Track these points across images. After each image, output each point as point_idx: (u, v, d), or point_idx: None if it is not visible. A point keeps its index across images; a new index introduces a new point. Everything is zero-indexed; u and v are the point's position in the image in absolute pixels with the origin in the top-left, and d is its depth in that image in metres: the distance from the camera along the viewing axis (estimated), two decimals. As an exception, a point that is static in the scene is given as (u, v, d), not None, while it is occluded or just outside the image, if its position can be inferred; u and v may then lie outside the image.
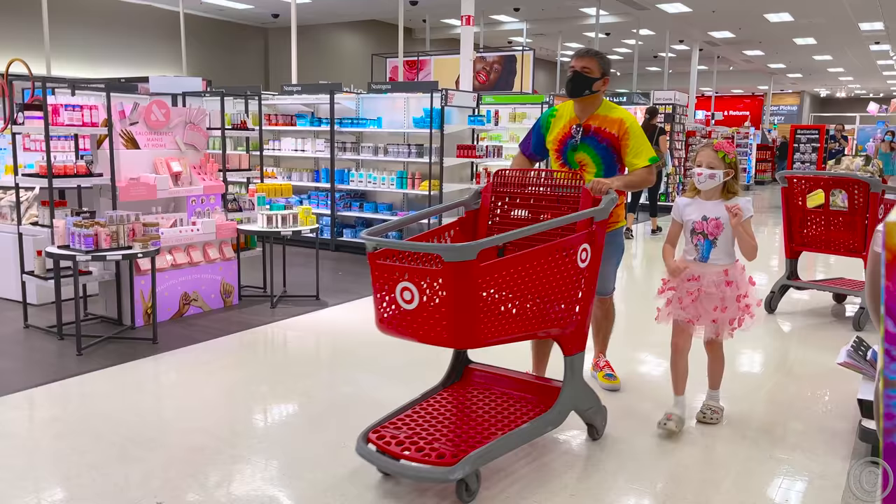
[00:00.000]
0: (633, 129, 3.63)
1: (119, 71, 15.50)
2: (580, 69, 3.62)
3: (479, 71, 15.00)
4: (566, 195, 3.22)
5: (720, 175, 3.29)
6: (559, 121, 3.76)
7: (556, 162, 3.78)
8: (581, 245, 2.90)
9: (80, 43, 15.72)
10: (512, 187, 3.36)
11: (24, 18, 14.44)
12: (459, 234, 3.30)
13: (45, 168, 4.82)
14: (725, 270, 3.34)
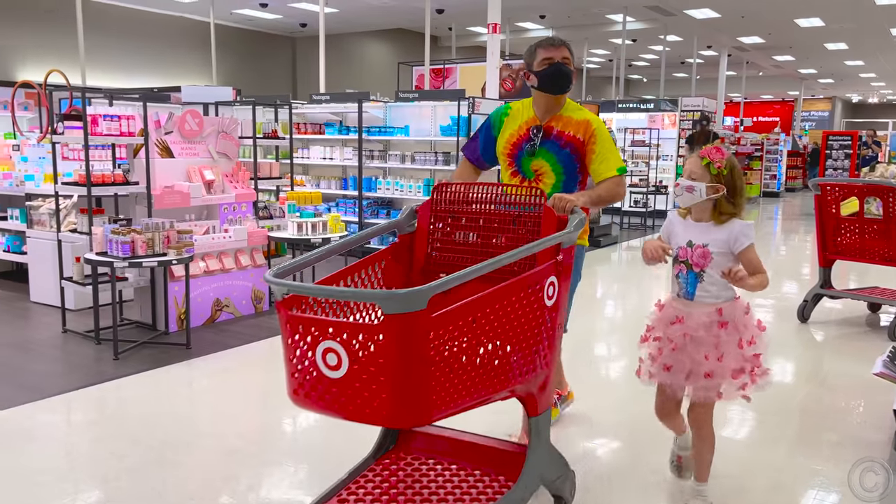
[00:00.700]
0: (601, 133, 3.05)
1: (151, 81, 15.79)
2: (562, 60, 3.02)
3: (506, 78, 15.02)
4: (524, 214, 2.58)
5: (702, 190, 2.54)
6: (513, 121, 3.15)
7: (507, 170, 3.18)
8: (548, 278, 2.30)
9: (114, 53, 16.05)
10: (456, 205, 2.70)
11: (60, 29, 14.79)
12: (392, 266, 2.65)
13: (84, 177, 4.94)
14: (719, 309, 2.55)
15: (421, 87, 16.16)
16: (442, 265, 2.68)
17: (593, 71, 27.66)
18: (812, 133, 26.17)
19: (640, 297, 7.06)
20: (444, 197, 2.73)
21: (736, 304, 2.61)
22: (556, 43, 3.07)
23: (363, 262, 2.53)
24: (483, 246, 2.65)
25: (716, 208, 2.58)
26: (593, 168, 3.04)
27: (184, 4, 16.55)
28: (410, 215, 2.75)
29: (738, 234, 2.55)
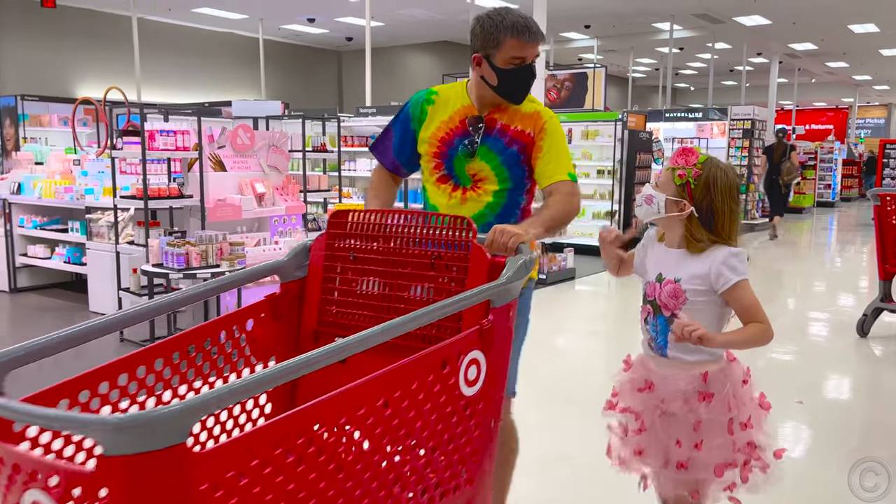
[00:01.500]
0: (553, 128, 2.33)
1: (202, 96, 16.22)
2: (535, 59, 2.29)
3: (550, 89, 14.99)
4: (446, 254, 1.85)
5: (661, 203, 1.91)
6: (441, 110, 2.37)
7: (432, 175, 2.38)
8: (467, 355, 1.59)
9: (167, 70, 16.54)
10: (358, 240, 1.98)
11: (117, 47, 15.33)
12: (271, 327, 1.94)
13: (141, 190, 5.10)
14: (703, 374, 1.88)
15: (465, 99, 16.21)
16: (342, 326, 1.95)
17: (639, 80, 27.40)
18: (868, 141, 25.40)
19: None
20: (343, 229, 2.01)
21: (729, 368, 1.91)
22: (534, 36, 2.23)
23: (221, 322, 1.83)
24: (392, 300, 1.91)
25: (687, 232, 1.92)
26: (540, 170, 2.28)
27: (234, 21, 16.97)
28: (300, 255, 2.04)
29: (721, 267, 1.84)
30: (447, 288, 1.84)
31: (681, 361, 1.91)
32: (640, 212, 2.01)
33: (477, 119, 2.32)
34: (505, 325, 1.70)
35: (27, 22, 14.61)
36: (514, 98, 2.29)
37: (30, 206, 6.90)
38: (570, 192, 2.24)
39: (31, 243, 6.93)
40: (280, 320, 1.99)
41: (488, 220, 2.21)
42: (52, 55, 15.03)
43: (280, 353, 1.94)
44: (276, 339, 1.96)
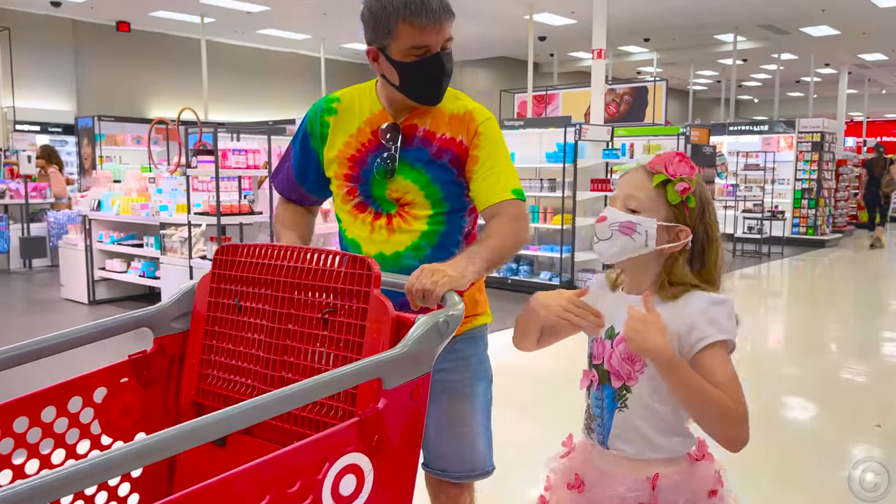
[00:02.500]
0: (490, 131, 1.84)
1: (266, 114, 16.69)
2: (446, 42, 1.74)
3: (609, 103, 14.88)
4: (345, 308, 1.41)
5: (649, 231, 1.33)
6: (346, 120, 1.87)
7: (346, 202, 1.88)
8: (338, 460, 1.15)
9: (233, 89, 17.10)
10: (245, 284, 1.55)
11: (186, 68, 15.94)
12: (137, 396, 1.53)
13: (214, 207, 5.28)
14: (653, 478, 1.31)
15: (523, 114, 16.27)
16: (223, 398, 1.52)
17: (700, 93, 26.92)
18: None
19: (755, 334, 6.76)
20: (231, 269, 1.57)
21: (690, 471, 1.34)
22: (434, 16, 1.67)
23: (64, 387, 1.41)
24: (278, 366, 1.47)
25: (667, 271, 1.35)
26: (476, 187, 1.80)
27: (297, 41, 17.44)
28: (182, 301, 1.62)
29: (699, 318, 1.30)
30: (342, 353, 1.39)
31: (623, 457, 1.35)
32: (609, 248, 1.36)
33: (391, 127, 1.81)
34: (407, 412, 1.24)
35: (104, 46, 15.34)
36: (423, 99, 1.80)
37: (108, 223, 7.22)
38: (517, 216, 1.77)
39: (109, 257, 7.23)
40: (150, 387, 1.54)
41: (426, 254, 1.79)
42: (126, 77, 15.72)
43: (152, 432, 1.27)
44: (145, 412, 1.51)
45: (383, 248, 1.81)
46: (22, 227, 9.45)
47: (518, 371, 4.67)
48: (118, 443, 1.46)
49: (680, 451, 1.35)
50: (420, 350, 1.25)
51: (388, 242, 1.81)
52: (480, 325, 1.93)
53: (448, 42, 1.74)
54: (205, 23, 14.93)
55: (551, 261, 8.28)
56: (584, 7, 12.14)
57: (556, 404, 4.31)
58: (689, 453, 1.37)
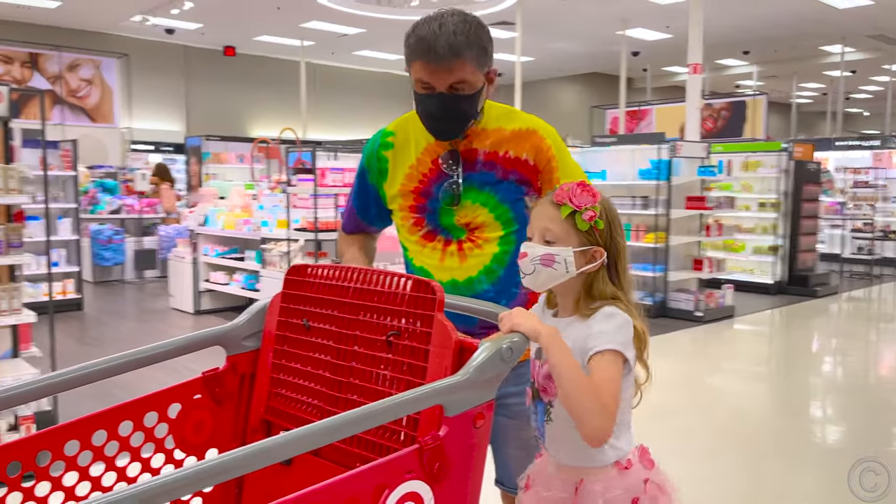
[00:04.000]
0: (560, 146, 1.86)
1: (360, 132, 17.19)
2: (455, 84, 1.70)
3: (706, 118, 14.48)
4: (409, 331, 1.40)
5: (567, 260, 1.41)
6: (404, 153, 1.87)
7: (413, 234, 1.87)
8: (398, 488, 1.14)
9: (329, 108, 17.70)
10: (316, 304, 1.55)
11: (286, 89, 16.65)
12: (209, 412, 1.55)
13: (312, 223, 5.50)
14: (577, 483, 1.43)
15: (615, 130, 16.05)
16: (290, 417, 1.54)
17: (803, 106, 25.72)
18: None
19: (865, 356, 6.38)
20: (300, 289, 1.57)
21: (611, 478, 1.42)
22: (438, 60, 1.67)
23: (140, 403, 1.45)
24: (343, 388, 1.46)
25: (586, 290, 1.44)
26: None
27: (389, 62, 17.90)
28: (254, 320, 1.62)
29: (591, 329, 1.38)
30: (405, 377, 1.37)
31: (557, 462, 1.47)
32: (536, 280, 1.45)
33: (451, 154, 1.80)
34: (469, 440, 1.21)
35: (212, 70, 16.25)
36: (431, 131, 1.79)
37: (213, 237, 7.63)
38: None
39: (213, 270, 7.63)
40: (222, 404, 1.56)
41: (499, 276, 1.80)
42: (231, 99, 16.57)
43: (223, 448, 1.50)
44: (217, 428, 1.53)
45: (455, 275, 1.81)
46: (136, 240, 10.11)
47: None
48: (191, 459, 1.50)
49: (606, 461, 1.43)
50: (482, 377, 1.21)
51: (461, 268, 1.81)
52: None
53: (461, 84, 1.70)
54: (304, 46, 15.58)
55: (643, 280, 8.10)
56: (679, 21, 11.90)
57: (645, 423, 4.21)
58: (618, 461, 1.44)
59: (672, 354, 6.30)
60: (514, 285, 1.78)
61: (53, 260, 7.87)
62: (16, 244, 3.65)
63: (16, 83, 13.67)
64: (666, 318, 7.75)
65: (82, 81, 14.65)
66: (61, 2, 12.44)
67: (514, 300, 1.81)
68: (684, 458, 3.56)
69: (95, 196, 10.25)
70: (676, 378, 5.36)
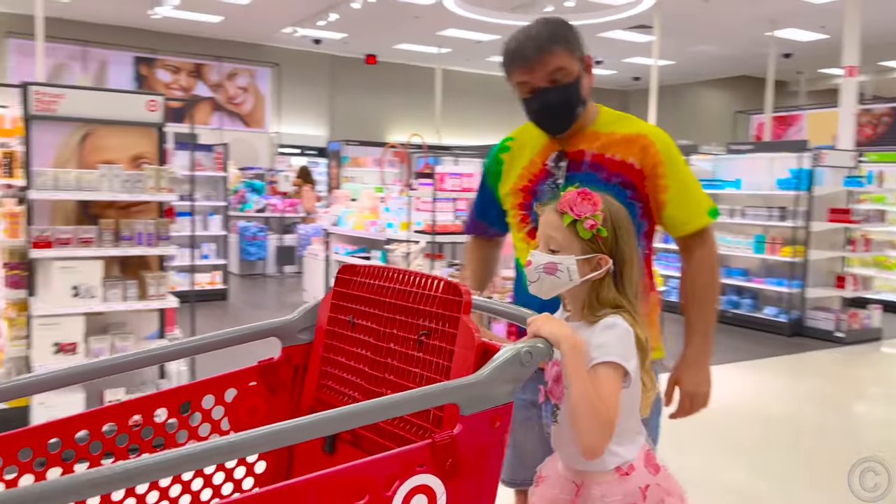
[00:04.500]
0: (672, 154, 1.86)
1: (493, 137, 17.37)
2: (552, 75, 1.80)
3: (864, 124, 13.36)
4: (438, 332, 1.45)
5: (570, 269, 1.44)
6: (518, 156, 1.99)
7: (519, 231, 1.98)
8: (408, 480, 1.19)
9: (463, 113, 18.04)
10: (358, 303, 1.63)
11: (423, 94, 17.17)
12: (263, 398, 1.64)
13: (431, 226, 5.70)
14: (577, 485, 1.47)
15: (760, 137, 15.19)
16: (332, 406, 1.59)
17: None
18: None
19: None
20: (349, 288, 1.66)
21: (613, 484, 1.44)
22: (528, 62, 1.79)
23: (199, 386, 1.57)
24: (380, 383, 1.54)
25: (592, 297, 1.47)
26: (669, 214, 1.84)
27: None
28: (308, 314, 1.72)
29: (594, 342, 1.41)
30: (432, 376, 1.42)
31: (565, 460, 1.51)
32: (541, 288, 1.48)
33: (558, 155, 1.89)
34: (484, 440, 1.25)
35: (354, 77, 17.07)
36: (545, 129, 1.90)
37: (344, 236, 8.06)
38: (711, 255, 1.85)
39: (343, 267, 8.07)
40: (276, 392, 1.66)
41: None
42: (371, 105, 17.32)
43: None
44: (269, 414, 1.63)
45: None
46: (277, 237, 10.85)
47: (739, 410, 4.44)
48: None
49: (606, 466, 1.44)
50: (498, 378, 1.23)
51: None
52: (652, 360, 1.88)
53: (558, 73, 1.79)
54: (441, 53, 16.01)
55: (778, 295, 7.66)
56: (836, 20, 11.09)
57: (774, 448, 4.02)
58: (619, 468, 1.45)
59: (809, 375, 5.93)
60: None
61: (204, 253, 8.64)
62: (164, 237, 4.10)
63: (182, 91, 15.08)
64: (802, 336, 7.29)
65: (239, 89, 15.89)
66: (223, 17, 13.57)
67: None
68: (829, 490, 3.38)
69: (244, 195, 11.11)
70: (814, 398, 5.06)
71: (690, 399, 1.79)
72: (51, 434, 1.37)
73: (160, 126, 4.17)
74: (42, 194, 3.76)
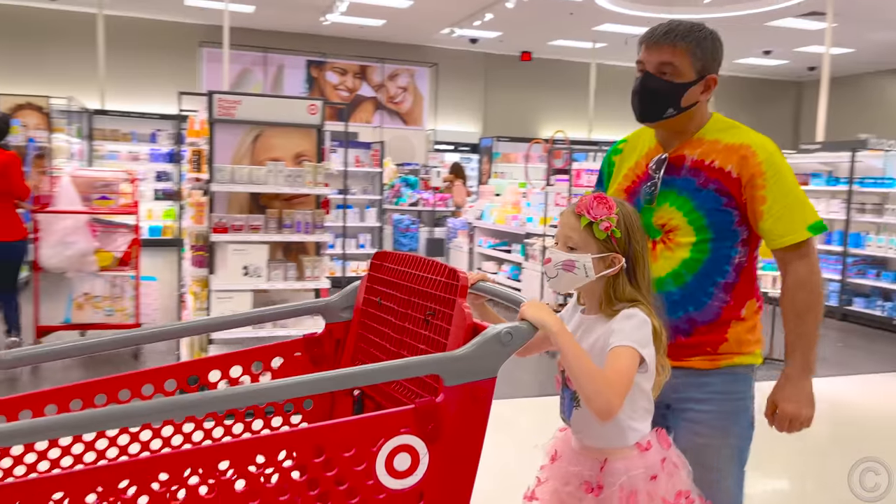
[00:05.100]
0: (775, 166, 1.84)
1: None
2: (658, 66, 1.87)
3: None
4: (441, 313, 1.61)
5: (586, 266, 1.60)
6: (629, 157, 2.06)
7: None
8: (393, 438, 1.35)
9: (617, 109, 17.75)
10: (386, 286, 1.84)
11: (574, 91, 17.14)
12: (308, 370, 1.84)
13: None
14: (603, 462, 1.62)
15: (953, 130, 13.65)
16: None
17: None
18: None
19: None
20: (380, 272, 1.87)
21: (634, 458, 1.60)
22: (656, 38, 1.86)
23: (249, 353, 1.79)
24: (393, 356, 1.71)
25: (608, 292, 1.63)
26: (767, 227, 1.83)
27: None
28: (349, 295, 1.94)
29: (611, 329, 1.58)
30: (432, 351, 1.58)
31: (584, 444, 1.66)
32: (559, 283, 1.65)
33: (659, 159, 1.93)
34: (466, 410, 1.38)
35: (508, 74, 17.38)
36: (634, 111, 1.93)
37: (487, 230, 8.40)
38: (810, 271, 1.82)
39: (485, 260, 8.41)
40: (319, 364, 1.85)
41: (686, 281, 1.86)
42: (523, 101, 17.55)
43: (317, 401, 1.82)
44: None
45: None
46: (428, 230, 11.41)
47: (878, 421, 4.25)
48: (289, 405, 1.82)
49: (628, 442, 1.61)
50: (478, 354, 1.38)
51: (653, 267, 1.86)
52: (742, 364, 1.90)
53: (667, 67, 1.84)
54: (595, 48, 15.89)
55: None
56: None
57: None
58: (638, 443, 1.61)
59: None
60: (704, 294, 1.85)
61: (360, 242, 9.34)
62: (320, 226, 4.62)
63: (348, 91, 16.16)
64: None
65: (399, 89, 16.74)
66: (386, 20, 14.39)
67: (702, 308, 1.86)
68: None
69: (399, 190, 11.78)
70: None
71: (790, 420, 1.80)
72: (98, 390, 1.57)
73: (319, 127, 4.70)
74: (221, 187, 4.40)
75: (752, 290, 1.92)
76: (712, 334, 1.86)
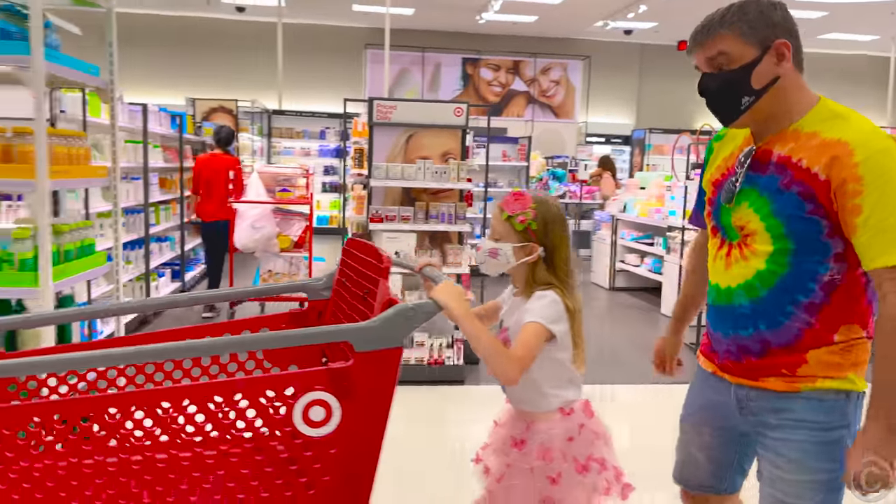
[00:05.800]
0: (876, 169, 1.50)
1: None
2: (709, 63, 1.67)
3: None
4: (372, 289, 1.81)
5: (507, 254, 1.87)
6: (724, 148, 1.85)
7: (708, 224, 1.87)
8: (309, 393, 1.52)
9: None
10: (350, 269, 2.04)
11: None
12: None
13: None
14: (528, 424, 1.91)
15: None
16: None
17: None
18: None
19: None
20: (349, 256, 2.06)
21: (555, 421, 1.87)
22: (694, 42, 1.69)
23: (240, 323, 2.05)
24: None
25: (530, 276, 1.90)
26: (861, 242, 1.53)
27: (861, 43, 16.11)
28: (330, 277, 2.13)
29: (527, 308, 1.83)
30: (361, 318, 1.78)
31: (516, 408, 1.95)
32: (487, 268, 1.93)
33: (747, 153, 1.70)
34: (375, 373, 1.54)
35: (663, 65, 17.02)
36: (717, 119, 1.74)
37: (630, 223, 8.52)
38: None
39: (628, 253, 8.54)
40: None
41: (760, 296, 1.65)
42: (678, 92, 17.10)
43: (302, 364, 1.98)
44: (297, 350, 2.01)
45: (719, 280, 1.75)
46: (574, 222, 11.63)
47: None
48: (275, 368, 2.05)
49: (551, 407, 1.89)
50: (383, 326, 1.54)
51: (725, 274, 1.73)
52: (831, 388, 1.62)
53: (719, 57, 1.64)
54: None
55: None
56: None
57: None
58: (562, 408, 1.89)
59: None
60: (780, 313, 1.62)
61: (506, 233, 9.76)
62: (462, 217, 5.11)
63: (501, 86, 16.63)
64: None
65: (551, 83, 16.96)
66: (538, 16, 14.68)
67: (777, 328, 1.64)
68: None
69: (547, 183, 12.07)
70: None
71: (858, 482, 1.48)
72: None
73: (463, 128, 5.18)
74: (378, 182, 5.00)
75: (854, 314, 1.62)
76: (791, 356, 1.64)
